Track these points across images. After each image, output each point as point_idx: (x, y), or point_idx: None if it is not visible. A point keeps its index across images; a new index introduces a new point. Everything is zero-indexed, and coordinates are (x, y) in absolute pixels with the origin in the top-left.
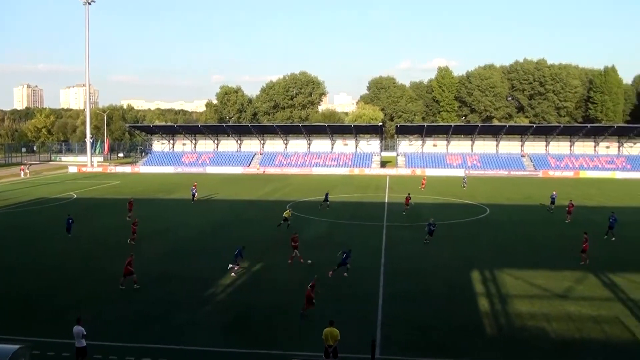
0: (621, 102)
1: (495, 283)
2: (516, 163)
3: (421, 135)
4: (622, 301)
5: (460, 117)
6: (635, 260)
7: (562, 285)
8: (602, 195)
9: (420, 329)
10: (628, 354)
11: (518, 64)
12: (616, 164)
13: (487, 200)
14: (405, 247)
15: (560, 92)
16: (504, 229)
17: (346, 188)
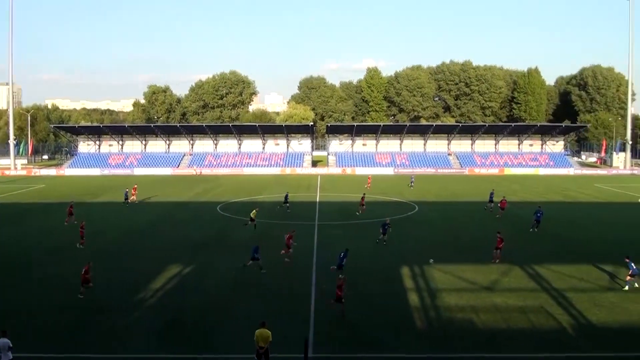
0: (544, 102)
1: (424, 278)
2: (443, 161)
3: (351, 134)
4: (546, 291)
5: (389, 117)
6: (557, 252)
7: (488, 278)
8: (526, 191)
9: (352, 326)
10: (554, 341)
11: (445, 65)
12: (539, 161)
13: (416, 197)
14: (337, 245)
15: (485, 92)
16: (432, 225)
17: (278, 188)
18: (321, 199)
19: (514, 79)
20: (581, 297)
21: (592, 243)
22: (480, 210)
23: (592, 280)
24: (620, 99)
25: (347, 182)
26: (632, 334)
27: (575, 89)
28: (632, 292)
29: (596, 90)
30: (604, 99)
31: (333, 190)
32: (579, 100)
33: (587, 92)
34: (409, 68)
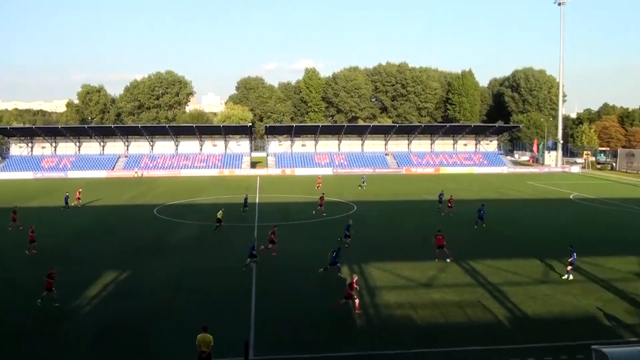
0: (477, 103)
1: (363, 276)
2: (381, 161)
3: (290, 135)
4: (482, 286)
5: (327, 118)
6: (492, 247)
7: (426, 275)
8: (461, 189)
9: (294, 327)
10: (490, 334)
11: (381, 67)
12: (473, 160)
13: (355, 197)
14: (277, 246)
15: (421, 93)
16: (371, 224)
17: (216, 190)
18: (261, 200)
19: (448, 81)
20: (516, 290)
21: (525, 238)
22: (417, 209)
23: (527, 274)
24: (551, 100)
25: (286, 183)
26: (565, 324)
27: (508, 91)
28: (565, 284)
29: (528, 91)
30: (535, 100)
31: (272, 191)
32: (512, 101)
33: (520, 93)
34: (347, 69)
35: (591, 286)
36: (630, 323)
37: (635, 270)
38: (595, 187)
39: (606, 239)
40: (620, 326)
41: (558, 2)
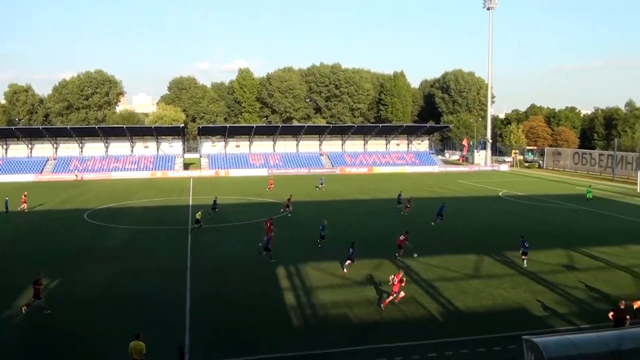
0: (409, 104)
1: (299, 277)
2: (315, 161)
3: (224, 136)
4: (416, 282)
5: (261, 118)
6: (424, 244)
7: (361, 273)
8: (394, 188)
9: (229, 330)
10: (424, 329)
11: (315, 68)
12: (406, 160)
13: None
14: (211, 249)
15: (354, 94)
16: (305, 224)
17: (148, 192)
18: (194, 203)
19: (381, 82)
20: (449, 286)
21: (456, 235)
22: (351, 208)
23: (458, 269)
24: (480, 102)
25: (221, 185)
26: (496, 316)
27: (438, 92)
28: (495, 277)
29: (458, 93)
30: (465, 101)
31: (207, 193)
32: (442, 102)
33: (450, 94)
34: (281, 70)
35: (521, 279)
36: (559, 312)
37: (563, 262)
38: (523, 184)
39: (534, 233)
40: (549, 316)
41: (487, 7)
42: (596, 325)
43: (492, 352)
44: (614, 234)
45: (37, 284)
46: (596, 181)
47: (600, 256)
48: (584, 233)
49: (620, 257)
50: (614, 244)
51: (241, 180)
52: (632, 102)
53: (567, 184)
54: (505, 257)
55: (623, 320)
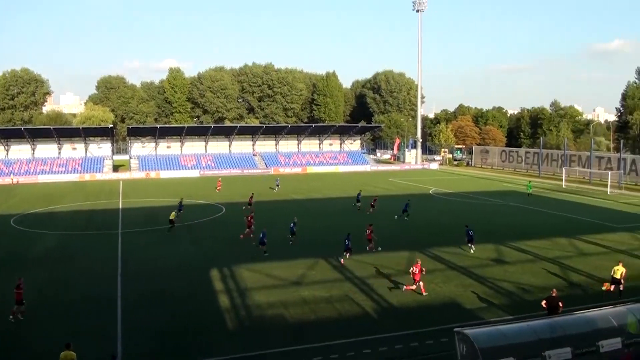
0: (342, 104)
1: (234, 279)
2: (249, 162)
3: (154, 137)
4: (350, 280)
5: (193, 118)
6: (357, 242)
7: (296, 273)
8: (327, 187)
9: (163, 335)
10: (359, 326)
11: (247, 67)
12: (339, 160)
13: (223, 199)
14: (143, 252)
15: (287, 94)
16: (241, 225)
17: (77, 196)
18: (124, 206)
19: (313, 82)
20: (381, 282)
21: (387, 231)
22: (286, 209)
23: (392, 266)
24: (410, 102)
25: (151, 187)
26: (429, 310)
27: (370, 92)
28: (427, 273)
29: (389, 93)
30: (396, 101)
31: (137, 196)
32: (374, 102)
33: (381, 95)
34: (212, 69)
35: (452, 274)
36: (490, 305)
37: (492, 256)
38: (452, 182)
39: (464, 229)
40: (480, 308)
41: (417, 9)
42: (525, 315)
43: (425, 346)
44: (541, 228)
45: (18, 288)
46: (523, 178)
47: (528, 249)
48: (512, 228)
49: (547, 250)
50: (541, 238)
51: (173, 182)
52: (556, 102)
53: (494, 181)
54: (437, 252)
55: (556, 308)
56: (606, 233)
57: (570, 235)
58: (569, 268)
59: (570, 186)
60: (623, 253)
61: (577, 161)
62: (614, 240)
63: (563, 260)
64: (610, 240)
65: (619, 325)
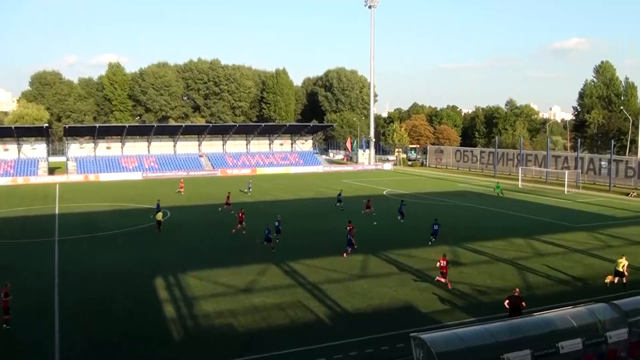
0: (292, 103)
1: (179, 287)
2: (194, 163)
3: (93, 137)
4: (302, 286)
5: (135, 117)
6: (310, 245)
7: (246, 280)
8: (278, 189)
9: (104, 347)
10: (312, 333)
11: (192, 64)
12: (290, 160)
13: (167, 203)
14: (82, 261)
15: (235, 92)
16: (185, 230)
17: (9, 201)
18: (61, 211)
19: (262, 79)
20: (336, 287)
21: (342, 235)
22: (229, 214)
23: (345, 270)
24: (363, 100)
25: (91, 191)
26: (384, 315)
27: (321, 90)
28: (382, 277)
29: (341, 91)
30: (348, 99)
31: (75, 201)
32: (326, 100)
33: (333, 93)
34: (155, 65)
35: (407, 277)
36: (446, 308)
37: (448, 258)
38: (407, 182)
39: (419, 230)
40: (437, 312)
41: (368, 5)
42: (483, 317)
43: (381, 352)
44: (497, 229)
45: (5, 296)
46: (478, 178)
47: (484, 250)
48: (467, 229)
49: (503, 250)
50: (497, 238)
51: (113, 185)
52: (512, 101)
53: (449, 181)
54: (391, 255)
55: (518, 308)
56: (563, 233)
57: (527, 236)
58: (526, 269)
59: (527, 186)
60: (581, 253)
61: (533, 160)
62: (571, 239)
63: (520, 260)
64: (567, 240)
65: (578, 325)
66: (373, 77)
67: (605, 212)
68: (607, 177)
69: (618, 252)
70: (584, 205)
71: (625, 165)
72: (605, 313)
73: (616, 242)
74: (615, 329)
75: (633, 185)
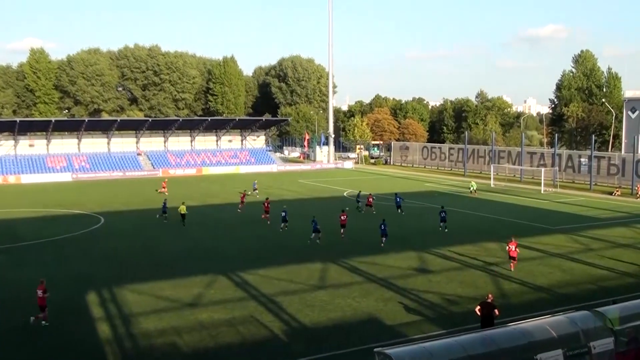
0: (242, 94)
1: (116, 303)
2: (132, 162)
3: (13, 133)
4: (255, 298)
5: (62, 111)
6: (262, 254)
7: (192, 293)
8: (227, 191)
9: None
10: (266, 351)
11: (128, 50)
12: (240, 159)
13: (101, 208)
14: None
15: (177, 82)
16: (123, 239)
17: None
18: None
19: (208, 68)
20: (292, 300)
21: (298, 242)
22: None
23: (302, 281)
24: (321, 92)
25: (10, 195)
26: (346, 329)
27: (275, 81)
28: (343, 287)
29: (296, 82)
30: (304, 91)
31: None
32: (279, 92)
33: (287, 83)
34: (85, 51)
35: (370, 287)
36: (413, 320)
37: (414, 265)
38: (369, 182)
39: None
40: (403, 324)
41: None
42: (454, 329)
43: None
44: (467, 232)
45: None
46: (447, 177)
47: (453, 256)
48: (435, 233)
49: (475, 255)
50: (467, 243)
51: (38, 187)
52: (483, 93)
53: (415, 181)
54: (352, 263)
55: (490, 316)
56: (540, 236)
57: (500, 239)
58: (500, 275)
59: (499, 185)
60: (559, 257)
61: (506, 157)
62: (548, 243)
63: (492, 267)
64: (544, 244)
65: (558, 336)
66: (332, 66)
67: (586, 212)
68: (587, 175)
69: (600, 255)
70: (563, 205)
71: (608, 162)
72: (588, 321)
73: (598, 244)
74: (600, 339)
75: (617, 183)
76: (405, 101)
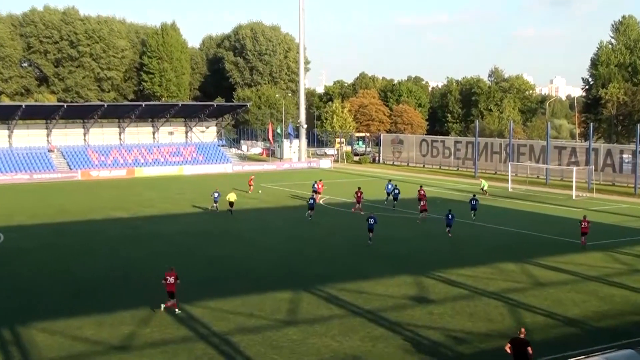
0: (187, 72)
1: (20, 346)
2: (42, 161)
3: None
4: (204, 338)
5: None
6: (214, 280)
7: (121, 332)
8: (166, 200)
9: None
10: None
11: (36, 14)
12: (184, 156)
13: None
14: None
15: (101, 56)
16: (28, 261)
17: None
18: None
19: (142, 39)
20: (252, 340)
21: (258, 265)
22: (103, 233)
23: (266, 315)
24: (290, 69)
25: None
26: None
27: (229, 54)
28: (319, 322)
29: (257, 56)
30: (268, 68)
31: None
32: (235, 69)
33: (246, 58)
34: None
35: (355, 321)
36: None
37: (411, 293)
38: (352, 187)
39: (373, 255)
40: None
41: None
42: None
43: None
44: (479, 250)
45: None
46: (453, 179)
47: (461, 281)
48: (437, 251)
49: (488, 280)
50: (479, 264)
51: None
52: (497, 71)
53: (411, 184)
54: (332, 292)
55: (524, 354)
56: (571, 254)
57: (521, 259)
58: (521, 305)
59: (519, 189)
60: (596, 281)
61: (527, 154)
62: (582, 263)
63: (511, 294)
64: (577, 264)
65: None
66: (303, 36)
67: (630, 224)
68: (631, 175)
69: None
70: (600, 215)
71: None
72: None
73: None
74: None
75: None
76: (398, 81)
